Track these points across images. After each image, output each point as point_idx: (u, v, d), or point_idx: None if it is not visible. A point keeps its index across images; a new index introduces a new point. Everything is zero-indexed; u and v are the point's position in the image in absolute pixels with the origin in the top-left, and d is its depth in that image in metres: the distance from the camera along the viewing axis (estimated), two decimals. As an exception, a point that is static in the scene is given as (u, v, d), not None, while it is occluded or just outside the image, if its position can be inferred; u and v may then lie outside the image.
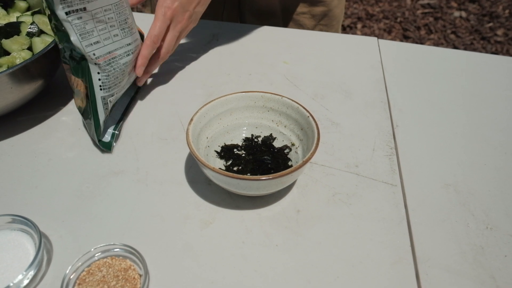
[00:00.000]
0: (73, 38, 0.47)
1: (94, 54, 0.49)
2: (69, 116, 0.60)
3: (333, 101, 0.63)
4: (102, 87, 0.52)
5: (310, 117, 0.49)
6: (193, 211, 0.47)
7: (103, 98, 0.52)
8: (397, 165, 0.53)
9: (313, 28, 0.85)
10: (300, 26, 0.85)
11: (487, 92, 0.67)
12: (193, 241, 0.44)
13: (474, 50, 2.22)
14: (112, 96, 0.53)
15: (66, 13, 0.46)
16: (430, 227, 0.46)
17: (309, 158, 0.43)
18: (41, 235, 0.41)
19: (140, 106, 0.62)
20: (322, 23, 0.85)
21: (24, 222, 0.42)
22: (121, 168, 0.52)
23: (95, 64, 0.50)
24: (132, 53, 0.55)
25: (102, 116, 0.53)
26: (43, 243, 0.42)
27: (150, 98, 0.64)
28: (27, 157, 0.53)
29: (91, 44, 0.49)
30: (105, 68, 0.51)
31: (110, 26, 0.50)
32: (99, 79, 0.51)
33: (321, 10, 0.83)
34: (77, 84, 0.51)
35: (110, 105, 0.54)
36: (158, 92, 0.65)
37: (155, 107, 0.62)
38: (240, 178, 0.42)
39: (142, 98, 0.63)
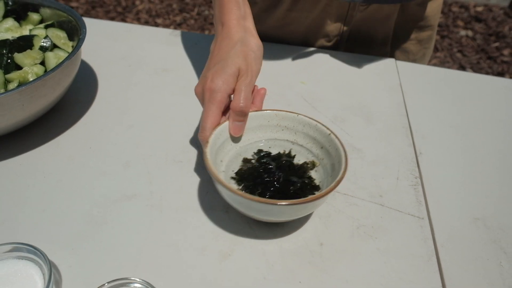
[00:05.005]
0: None
1: None
2: (80, 134, 0.57)
3: (354, 125, 0.61)
4: None
5: (332, 135, 0.47)
6: (211, 241, 0.44)
7: None
8: (422, 196, 0.51)
9: (417, 52, 0.83)
10: (406, 52, 0.82)
11: None
12: (211, 275, 0.41)
13: (481, 69, 2.21)
14: None
15: None
16: (461, 265, 0.43)
17: (338, 182, 0.41)
18: (51, 266, 0.38)
19: (153, 127, 0.60)
20: (425, 46, 0.82)
21: (33, 251, 0.39)
22: (134, 192, 0.50)
23: None
24: None
25: None
26: (53, 275, 0.39)
27: (164, 118, 0.61)
28: (35, 177, 0.51)
29: None
30: None
31: None
32: None
33: (427, 34, 0.80)
34: None
35: None
36: (172, 112, 0.62)
37: (169, 127, 0.59)
38: (269, 203, 0.39)
39: (155, 119, 0.61)
